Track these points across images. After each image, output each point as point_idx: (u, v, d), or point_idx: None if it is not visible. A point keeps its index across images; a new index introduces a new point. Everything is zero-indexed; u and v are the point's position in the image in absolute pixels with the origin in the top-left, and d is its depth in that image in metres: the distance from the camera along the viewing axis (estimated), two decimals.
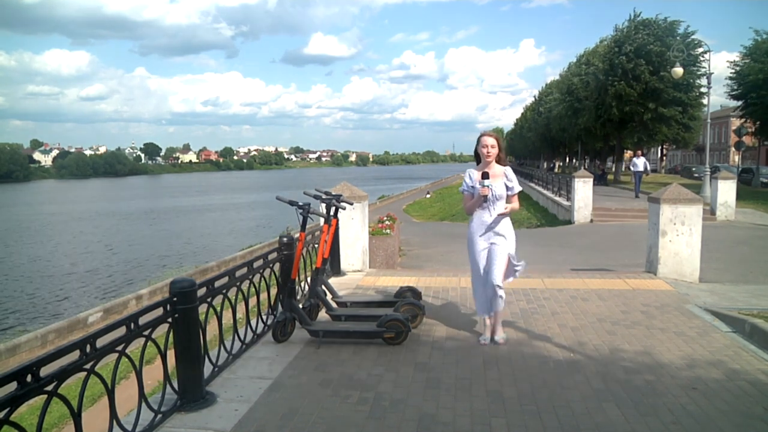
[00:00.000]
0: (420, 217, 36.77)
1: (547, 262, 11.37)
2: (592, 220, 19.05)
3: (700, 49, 31.17)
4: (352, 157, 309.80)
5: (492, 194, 5.01)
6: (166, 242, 35.93)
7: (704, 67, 28.82)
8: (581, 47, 43.94)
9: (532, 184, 33.33)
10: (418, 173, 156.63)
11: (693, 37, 32.20)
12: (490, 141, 5.12)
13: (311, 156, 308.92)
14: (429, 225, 29.79)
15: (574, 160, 62.46)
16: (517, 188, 5.17)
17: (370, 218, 10.53)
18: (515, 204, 5.21)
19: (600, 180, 32.09)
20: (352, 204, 6.94)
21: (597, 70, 34.54)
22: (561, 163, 66.37)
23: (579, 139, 45.77)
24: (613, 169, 41.64)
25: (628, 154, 50.06)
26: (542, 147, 64.57)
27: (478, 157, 5.28)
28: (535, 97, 66.62)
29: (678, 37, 31.21)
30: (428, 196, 61.44)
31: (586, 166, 49.94)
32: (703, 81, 28.00)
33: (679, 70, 23.15)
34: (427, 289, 7.20)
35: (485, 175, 4.93)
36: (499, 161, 5.18)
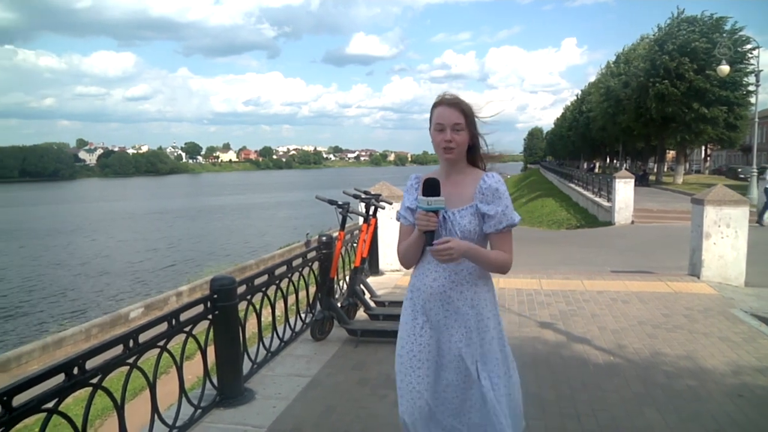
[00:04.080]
0: None
1: (587, 264, 11.24)
2: (633, 222, 18.73)
3: (749, 46, 30.32)
4: (391, 157, 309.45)
5: (446, 228, 2.37)
6: (225, 239, 36.38)
7: (753, 64, 28.08)
8: (626, 45, 43.12)
9: (572, 185, 32.90)
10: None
11: (741, 33, 31.34)
12: (451, 115, 2.37)
13: (350, 156, 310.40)
14: None
15: (614, 161, 61.51)
16: (509, 218, 2.37)
17: None
18: (500, 254, 2.38)
19: (641, 181, 31.52)
20: (391, 203, 6.94)
21: (638, 70, 33.91)
22: (601, 164, 65.41)
23: (619, 140, 45.04)
24: (655, 170, 40.88)
25: (670, 154, 49.10)
26: (582, 147, 63.67)
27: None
28: (576, 96, 65.76)
29: (725, 34, 30.44)
30: None
31: (627, 167, 49.13)
32: (751, 79, 27.32)
33: (725, 68, 22.61)
34: None
35: (431, 188, 2.27)
36: (473, 159, 2.51)
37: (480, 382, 2.34)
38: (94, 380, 2.77)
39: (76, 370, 2.65)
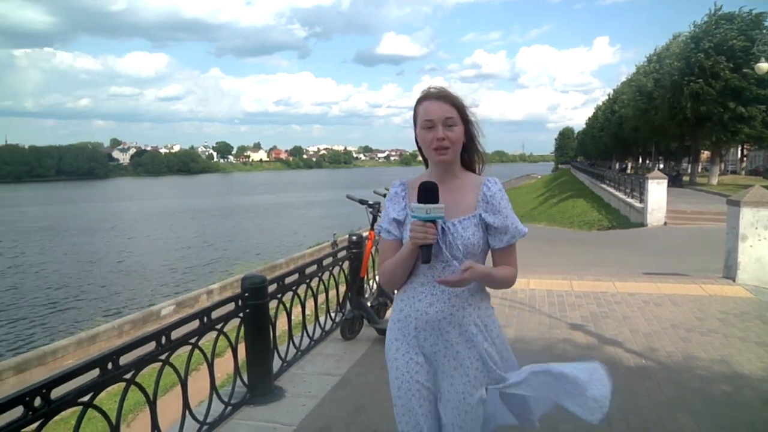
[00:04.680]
0: None
1: (618, 265, 11.09)
2: (665, 223, 18.43)
3: None
4: (421, 157, 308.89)
5: (445, 242, 2.03)
6: (256, 238, 36.75)
7: None
8: (659, 44, 42.34)
9: (604, 185, 32.53)
10: (487, 173, 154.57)
11: None
12: (440, 109, 2.06)
13: (380, 155, 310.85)
14: None
15: (647, 161, 60.64)
16: (520, 231, 2.13)
17: None
18: (508, 270, 2.14)
19: (674, 181, 31.00)
20: None
21: (671, 68, 33.31)
22: (633, 164, 64.53)
23: (652, 139, 44.35)
24: (689, 171, 40.18)
25: (704, 155, 48.20)
26: (614, 147, 62.87)
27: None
28: (608, 96, 64.96)
29: (764, 30, 29.68)
30: None
31: (660, 167, 48.37)
32: None
33: (764, 66, 22.08)
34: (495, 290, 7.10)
35: (427, 194, 1.93)
36: (467, 162, 2.23)
37: (503, 391, 2.13)
38: (128, 375, 2.83)
39: (110, 366, 2.71)
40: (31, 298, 20.83)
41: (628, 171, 53.93)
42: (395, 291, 2.25)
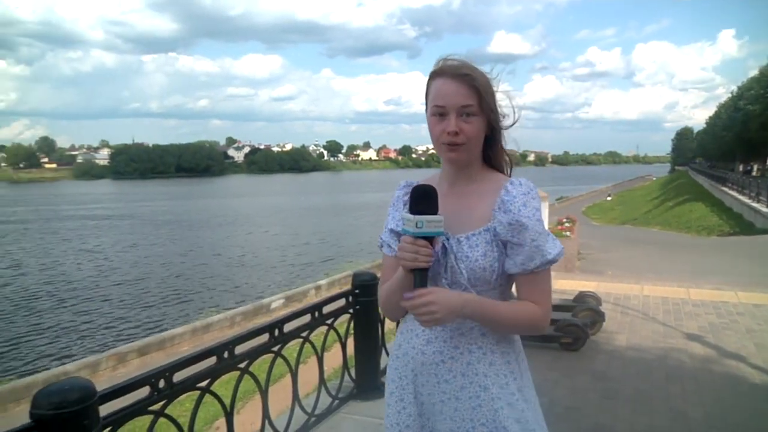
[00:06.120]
0: (600, 220, 35.10)
1: (740, 274, 10.45)
2: None
3: None
4: (531, 157, 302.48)
5: (446, 265, 1.53)
6: (369, 235, 37.45)
7: None
8: None
9: (725, 188, 30.72)
10: (598, 174, 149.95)
11: None
12: (456, 93, 1.54)
13: None
14: (609, 228, 28.49)
15: None
16: (545, 251, 1.49)
17: (549, 219, 10.35)
18: (526, 307, 1.52)
19: None
20: None
21: None
22: (759, 166, 60.36)
23: None
24: None
25: None
26: (738, 148, 59.04)
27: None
28: (732, 93, 61.07)
29: None
30: (609, 198, 58.40)
31: None
32: None
33: None
34: (607, 295, 6.91)
35: (421, 199, 1.44)
36: (490, 158, 1.69)
37: None
38: (242, 365, 2.96)
39: (226, 354, 2.84)
40: (158, 286, 22.22)
41: (754, 173, 50.67)
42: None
